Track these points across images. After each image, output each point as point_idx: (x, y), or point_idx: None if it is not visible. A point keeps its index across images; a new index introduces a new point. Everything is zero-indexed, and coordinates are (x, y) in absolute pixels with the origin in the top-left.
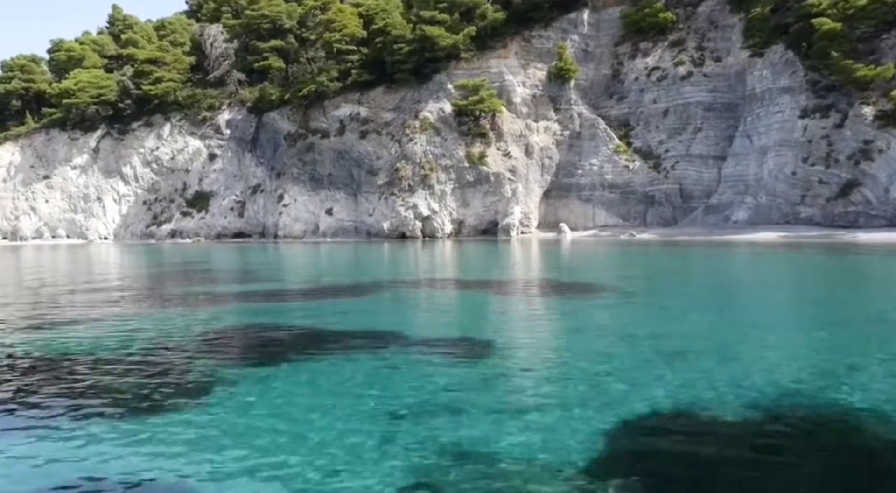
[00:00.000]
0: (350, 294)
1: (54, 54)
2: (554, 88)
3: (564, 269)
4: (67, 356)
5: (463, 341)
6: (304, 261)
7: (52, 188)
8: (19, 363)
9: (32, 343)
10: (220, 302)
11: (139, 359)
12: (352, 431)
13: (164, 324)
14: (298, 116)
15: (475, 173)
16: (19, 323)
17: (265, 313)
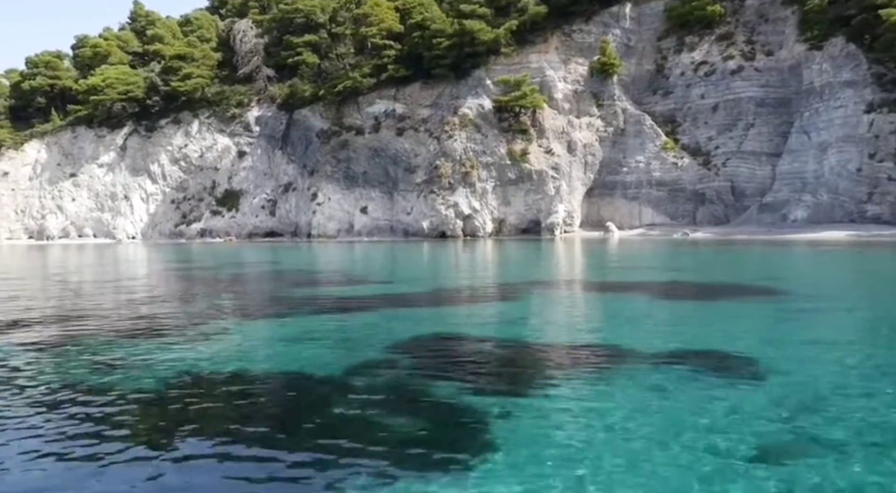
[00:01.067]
0: (495, 298)
1: (79, 50)
2: (596, 84)
3: (668, 269)
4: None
5: (704, 354)
6: (381, 261)
7: (79, 187)
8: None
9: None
10: (368, 307)
11: (394, 385)
12: (707, 476)
13: (349, 334)
14: (331, 113)
15: (517, 171)
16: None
17: (432, 320)
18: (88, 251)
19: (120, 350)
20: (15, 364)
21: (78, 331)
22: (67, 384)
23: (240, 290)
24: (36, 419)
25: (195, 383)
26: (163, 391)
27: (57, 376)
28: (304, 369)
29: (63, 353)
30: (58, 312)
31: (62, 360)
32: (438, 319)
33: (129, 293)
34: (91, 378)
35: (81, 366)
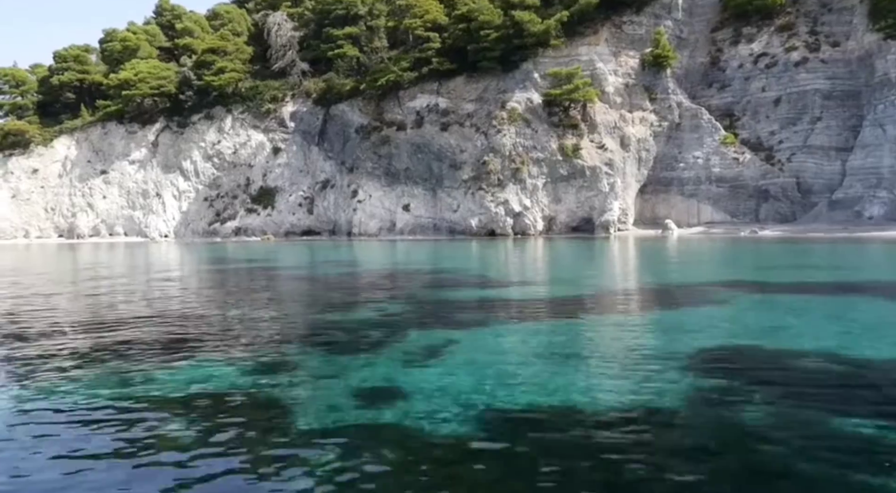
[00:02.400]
0: (705, 301)
1: (107, 45)
2: (648, 77)
3: (805, 267)
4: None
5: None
6: (482, 260)
7: (110, 184)
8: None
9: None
10: (587, 312)
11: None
12: None
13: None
14: (371, 108)
15: (569, 167)
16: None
17: (692, 328)
18: (123, 250)
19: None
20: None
21: (109, 344)
22: (95, 403)
23: (398, 292)
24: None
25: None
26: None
27: (85, 390)
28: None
29: (90, 365)
30: (87, 319)
31: (90, 373)
32: (693, 326)
33: (218, 304)
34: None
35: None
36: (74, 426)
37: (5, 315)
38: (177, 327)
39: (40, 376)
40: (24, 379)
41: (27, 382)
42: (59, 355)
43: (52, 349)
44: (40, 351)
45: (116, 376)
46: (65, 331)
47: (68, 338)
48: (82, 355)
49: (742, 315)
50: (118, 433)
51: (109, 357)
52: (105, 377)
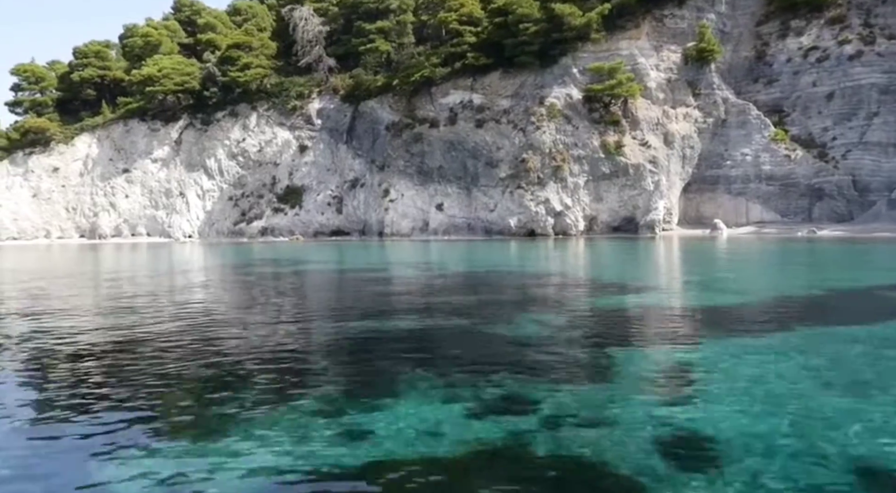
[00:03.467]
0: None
1: (127, 40)
2: (691, 72)
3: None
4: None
5: None
6: (556, 261)
7: (132, 183)
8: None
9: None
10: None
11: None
12: None
13: None
14: (402, 105)
15: (611, 165)
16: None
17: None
18: (147, 252)
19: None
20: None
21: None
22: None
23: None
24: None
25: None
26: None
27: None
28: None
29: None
30: (113, 337)
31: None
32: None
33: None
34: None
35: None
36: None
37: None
38: (249, 362)
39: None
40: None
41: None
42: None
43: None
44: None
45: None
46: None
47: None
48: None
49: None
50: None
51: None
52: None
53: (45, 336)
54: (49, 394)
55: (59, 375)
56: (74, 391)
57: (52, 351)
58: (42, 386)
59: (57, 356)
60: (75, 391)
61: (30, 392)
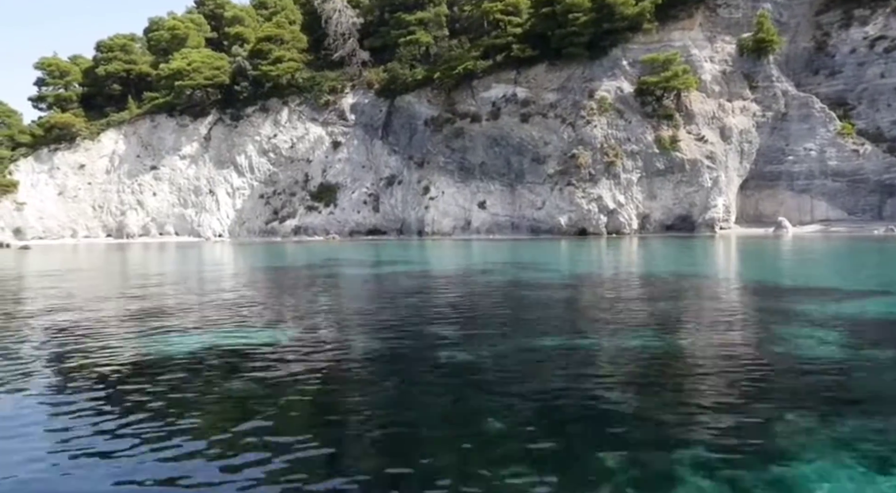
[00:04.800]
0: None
1: (153, 34)
2: (747, 64)
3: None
4: None
5: None
6: (661, 261)
7: (160, 180)
8: None
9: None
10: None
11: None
12: None
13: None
14: (441, 99)
15: (666, 160)
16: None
17: None
18: (179, 252)
19: None
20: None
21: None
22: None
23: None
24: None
25: None
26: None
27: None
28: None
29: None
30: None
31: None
32: None
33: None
34: None
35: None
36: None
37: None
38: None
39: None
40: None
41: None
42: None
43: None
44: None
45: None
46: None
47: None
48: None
49: None
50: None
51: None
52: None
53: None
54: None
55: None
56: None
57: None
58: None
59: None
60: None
61: (90, 417)
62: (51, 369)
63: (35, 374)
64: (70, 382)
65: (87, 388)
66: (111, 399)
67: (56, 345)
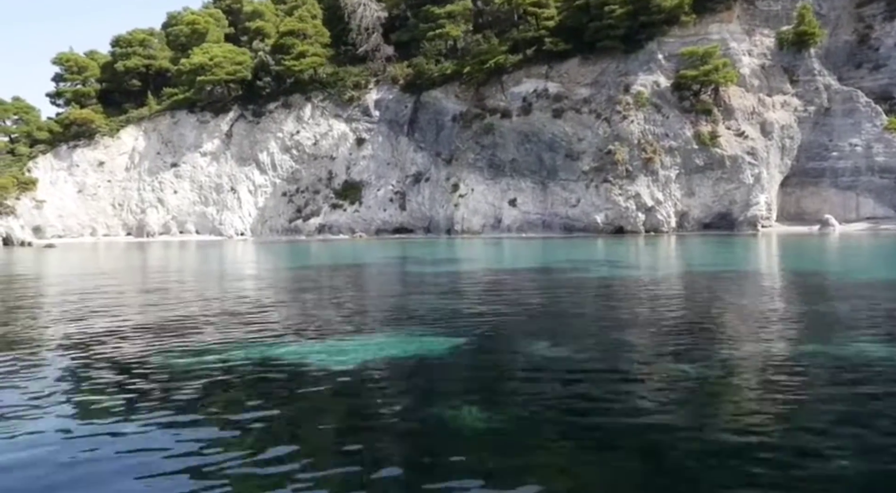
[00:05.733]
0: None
1: (172, 28)
2: (787, 57)
3: None
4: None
5: None
6: (754, 261)
7: (181, 178)
8: None
9: None
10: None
11: None
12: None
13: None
14: (469, 94)
15: (705, 157)
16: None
17: None
18: (214, 250)
19: None
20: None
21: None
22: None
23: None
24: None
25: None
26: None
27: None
28: None
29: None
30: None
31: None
32: None
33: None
34: None
35: None
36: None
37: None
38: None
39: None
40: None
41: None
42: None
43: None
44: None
45: None
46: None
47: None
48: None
49: None
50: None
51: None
52: None
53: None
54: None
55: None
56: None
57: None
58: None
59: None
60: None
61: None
62: (145, 370)
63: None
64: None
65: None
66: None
67: (150, 343)
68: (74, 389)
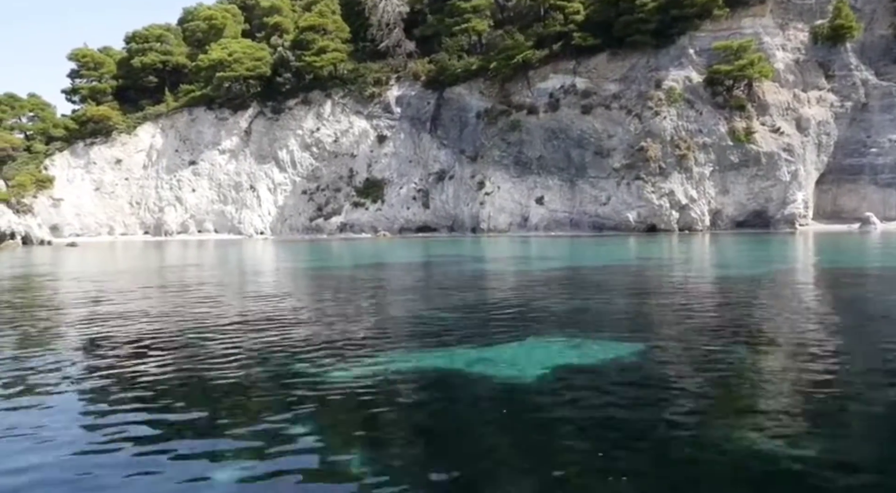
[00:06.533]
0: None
1: (188, 24)
2: (822, 52)
3: None
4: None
5: None
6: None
7: (199, 176)
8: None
9: None
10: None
11: None
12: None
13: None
14: (494, 90)
15: (740, 153)
16: None
17: None
18: (230, 251)
19: None
20: None
21: None
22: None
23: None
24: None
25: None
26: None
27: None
28: None
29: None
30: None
31: None
32: None
33: None
34: None
35: None
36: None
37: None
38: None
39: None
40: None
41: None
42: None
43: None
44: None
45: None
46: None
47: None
48: None
49: None
50: None
51: None
52: None
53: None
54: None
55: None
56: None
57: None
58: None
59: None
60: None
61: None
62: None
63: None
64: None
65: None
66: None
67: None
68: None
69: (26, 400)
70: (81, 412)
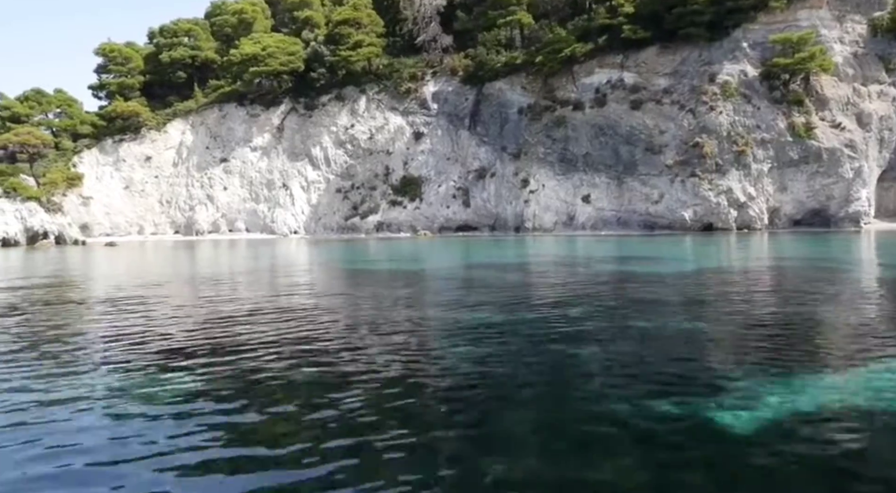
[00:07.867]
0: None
1: (217, 18)
2: (882, 45)
3: None
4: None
5: None
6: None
7: (230, 173)
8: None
9: None
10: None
11: None
12: None
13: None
14: (537, 86)
15: (800, 150)
16: None
17: None
18: (271, 253)
19: None
20: None
21: None
22: None
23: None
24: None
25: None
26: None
27: None
28: None
29: None
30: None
31: None
32: None
33: None
34: None
35: None
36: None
37: None
38: None
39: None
40: None
41: None
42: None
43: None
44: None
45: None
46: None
47: None
48: None
49: None
50: None
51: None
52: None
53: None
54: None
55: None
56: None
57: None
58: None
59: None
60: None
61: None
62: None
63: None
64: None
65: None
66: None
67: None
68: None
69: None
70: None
